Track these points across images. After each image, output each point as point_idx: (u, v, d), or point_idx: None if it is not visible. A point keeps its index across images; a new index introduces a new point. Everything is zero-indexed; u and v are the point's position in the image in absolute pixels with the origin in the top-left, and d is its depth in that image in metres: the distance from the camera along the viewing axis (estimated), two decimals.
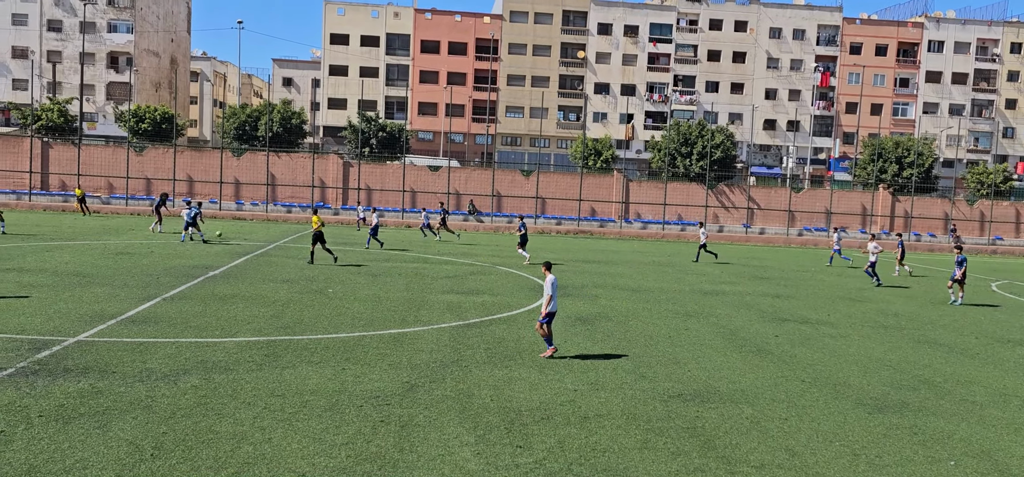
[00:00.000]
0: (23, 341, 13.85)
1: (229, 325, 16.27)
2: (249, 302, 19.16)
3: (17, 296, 18.17)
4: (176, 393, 11.24)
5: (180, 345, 14.27)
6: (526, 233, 34.16)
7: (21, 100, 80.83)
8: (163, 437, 9.45)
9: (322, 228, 28.22)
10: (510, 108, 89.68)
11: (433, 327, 17.18)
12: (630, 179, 64.95)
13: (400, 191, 59.09)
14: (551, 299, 14.48)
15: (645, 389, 12.89)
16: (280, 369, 12.89)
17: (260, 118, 63.92)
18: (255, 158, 59.58)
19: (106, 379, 11.76)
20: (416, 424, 10.45)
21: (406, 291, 22.41)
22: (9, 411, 10.06)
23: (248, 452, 9.12)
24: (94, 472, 8.30)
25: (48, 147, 58.02)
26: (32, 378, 11.60)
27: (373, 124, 65.09)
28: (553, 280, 14.67)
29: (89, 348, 13.64)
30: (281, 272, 25.09)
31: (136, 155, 58.05)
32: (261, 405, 10.90)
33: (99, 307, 17.47)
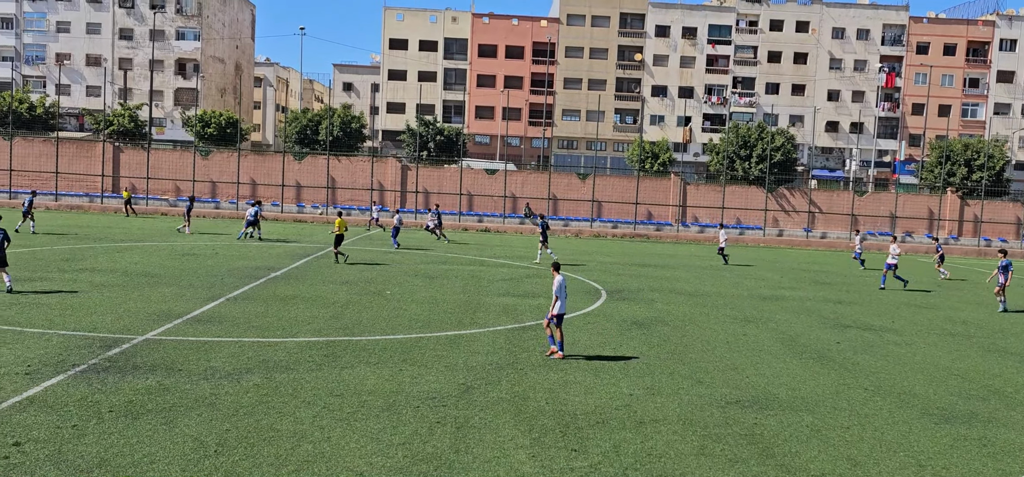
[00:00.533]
0: (95, 339, 14.36)
1: (290, 325, 16.61)
2: (309, 303, 19.53)
3: (84, 294, 18.84)
4: (239, 391, 11.52)
5: (243, 344, 14.62)
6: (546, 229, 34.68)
7: (94, 106, 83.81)
8: (226, 434, 9.69)
9: (345, 232, 29.42)
10: (566, 111, 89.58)
11: (489, 330, 17.27)
12: (687, 182, 64.28)
13: (457, 194, 59.50)
14: (557, 301, 14.44)
15: (702, 395, 12.76)
16: (339, 369, 13.11)
17: (321, 122, 65.08)
18: (316, 161, 60.66)
19: (172, 376, 12.12)
20: (472, 426, 10.53)
21: (462, 294, 22.56)
22: (82, 406, 10.45)
23: (308, 450, 9.30)
24: (161, 467, 8.56)
25: (119, 151, 59.97)
26: (103, 374, 12.02)
27: (431, 128, 65.73)
28: (561, 281, 14.64)
29: (156, 346, 14.07)
30: (340, 274, 25.50)
31: (202, 159, 59.62)
32: (321, 404, 11.10)
33: (166, 306, 18.00)
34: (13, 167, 57.09)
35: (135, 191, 57.25)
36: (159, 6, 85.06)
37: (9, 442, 9.00)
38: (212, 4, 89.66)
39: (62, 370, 12.15)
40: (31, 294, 18.62)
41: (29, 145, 58.74)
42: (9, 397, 10.65)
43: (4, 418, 9.81)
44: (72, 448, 8.94)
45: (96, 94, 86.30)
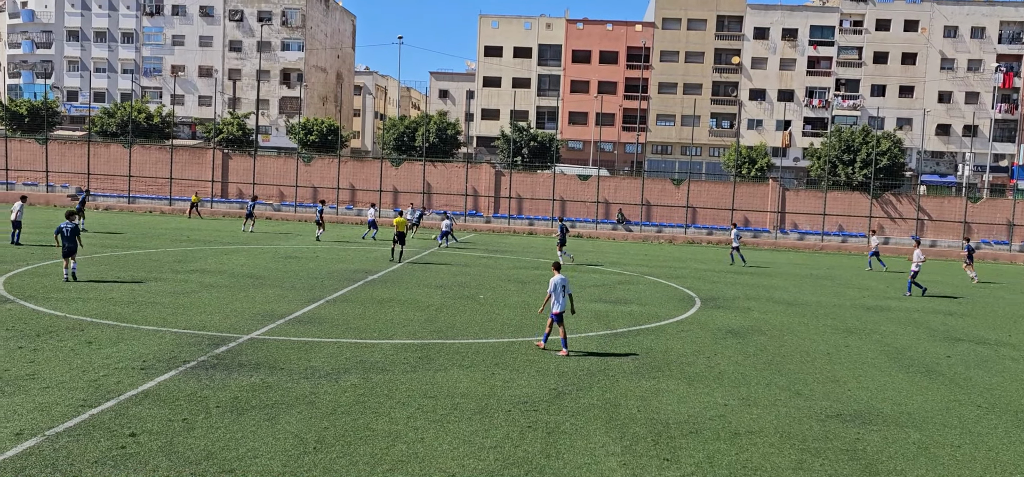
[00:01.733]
0: (203, 337, 15.05)
1: (386, 327, 17.00)
2: (405, 306, 19.93)
3: (194, 295, 19.76)
4: (337, 390, 11.87)
5: (341, 345, 15.05)
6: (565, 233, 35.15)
7: (206, 115, 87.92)
8: (325, 432, 10.01)
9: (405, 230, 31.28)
10: (661, 116, 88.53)
11: (581, 335, 17.24)
12: (786, 188, 62.50)
13: (550, 200, 59.62)
14: (550, 297, 15.09)
15: (801, 407, 12.39)
16: (433, 371, 13.34)
17: (417, 129, 66.35)
18: (412, 168, 61.88)
19: (275, 375, 12.59)
20: (563, 431, 10.54)
21: None
22: (191, 401, 10.98)
23: (402, 450, 9.50)
24: (263, 462, 8.91)
25: (228, 158, 62.67)
26: (211, 371, 12.60)
27: (524, 134, 66.08)
28: (556, 281, 15.12)
29: (260, 345, 14.64)
30: (435, 278, 25.92)
31: (304, 165, 61.68)
32: (415, 405, 11.32)
33: (269, 307, 18.70)
34: (132, 173, 60.43)
35: (242, 195, 59.60)
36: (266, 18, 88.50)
37: (126, 432, 9.54)
38: (315, 16, 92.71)
39: (174, 366, 12.79)
40: (146, 293, 19.68)
41: (147, 152, 62.04)
42: (126, 390, 11.28)
43: (122, 410, 10.40)
44: (182, 440, 9.41)
45: (207, 103, 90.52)
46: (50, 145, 61.99)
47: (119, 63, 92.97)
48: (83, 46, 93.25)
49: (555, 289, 15.10)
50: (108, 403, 10.65)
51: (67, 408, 10.34)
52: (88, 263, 25.04)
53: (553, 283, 15.20)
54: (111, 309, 17.37)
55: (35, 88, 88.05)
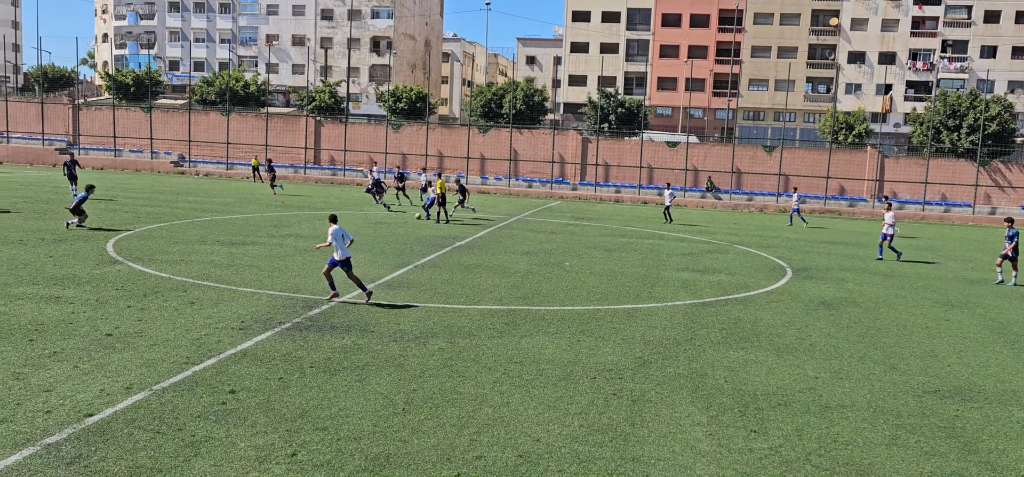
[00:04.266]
0: (298, 299, 15.59)
1: (473, 293, 17.23)
2: (491, 272, 20.14)
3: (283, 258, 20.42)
4: (425, 354, 12.13)
5: (429, 310, 15.34)
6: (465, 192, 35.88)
7: (299, 83, 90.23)
8: (413, 394, 10.26)
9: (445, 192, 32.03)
10: (753, 81, 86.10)
11: (667, 304, 17.08)
12: (885, 155, 60.05)
13: (637, 167, 58.96)
14: (330, 244, 15.16)
15: (896, 382, 12.00)
16: (518, 337, 13.47)
17: (504, 96, 66.44)
18: (499, 134, 62.11)
19: (365, 337, 12.95)
20: (648, 400, 10.51)
21: (641, 267, 22.42)
22: (287, 361, 11.41)
23: (488, 414, 9.66)
24: (354, 421, 9.21)
25: (320, 125, 64.24)
26: (305, 332, 13.05)
27: (612, 100, 65.36)
28: (334, 230, 15.16)
29: (352, 308, 15.07)
30: (521, 244, 26.07)
31: (393, 132, 62.70)
32: (500, 371, 11.48)
33: (360, 271, 19.18)
34: (230, 140, 62.65)
35: (334, 162, 61.04)
36: None
37: (226, 389, 10.00)
38: None
39: (270, 327, 13.30)
40: (244, 256, 20.46)
41: (243, 120, 64.16)
42: (226, 349, 11.81)
43: (222, 368, 10.90)
44: (278, 398, 9.80)
45: (301, 72, 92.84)
46: (153, 113, 64.78)
47: (217, 33, 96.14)
48: (183, 17, 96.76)
49: (335, 237, 15.17)
50: (209, 361, 11.17)
51: (172, 365, 10.90)
52: (190, 227, 26.19)
53: (330, 232, 15.24)
54: (212, 271, 18.15)
55: (139, 59, 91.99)
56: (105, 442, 8.18)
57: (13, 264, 17.77)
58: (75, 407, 9.10)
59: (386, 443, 8.55)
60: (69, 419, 8.73)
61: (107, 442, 8.18)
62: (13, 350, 11.22)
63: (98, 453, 7.90)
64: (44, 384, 9.84)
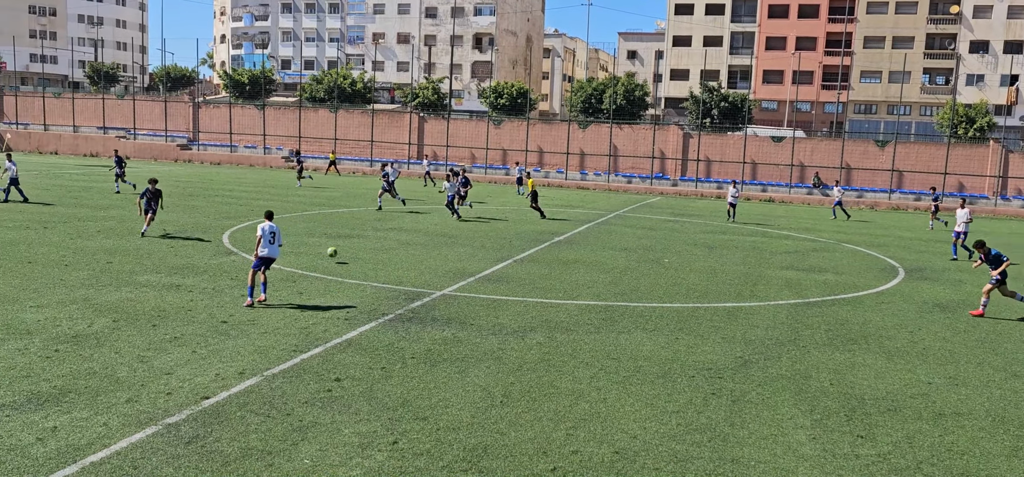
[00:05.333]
0: (400, 291, 15.99)
1: (571, 288, 17.26)
2: (590, 268, 20.12)
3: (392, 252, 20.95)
4: (523, 348, 12.25)
5: (527, 304, 15.47)
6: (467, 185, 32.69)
7: (403, 80, 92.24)
8: (511, 387, 10.38)
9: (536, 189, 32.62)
10: (865, 73, 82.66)
11: (770, 303, 16.67)
12: (1010, 150, 56.58)
13: (740, 163, 57.59)
14: (260, 242, 14.25)
15: (1018, 390, 11.35)
16: (616, 333, 13.43)
17: (605, 91, 66.04)
18: (599, 130, 61.81)
19: (465, 330, 13.17)
20: (748, 400, 10.30)
21: (743, 265, 21.94)
22: (389, 351, 11.74)
23: (585, 409, 9.68)
24: (454, 412, 9.40)
25: (423, 121, 65.48)
26: (407, 324, 13.39)
27: (715, 94, 64.01)
28: (264, 227, 14.30)
29: (452, 301, 15.35)
30: (620, 240, 25.91)
31: (495, 128, 63.29)
32: (598, 366, 11.48)
33: (461, 265, 19.51)
34: (338, 136, 64.64)
35: (436, 157, 62.06)
36: None
37: (332, 377, 10.38)
38: None
39: (374, 318, 13.70)
40: (350, 249, 21.12)
41: (350, 116, 66.06)
42: (332, 338, 12.24)
43: (328, 356, 11.31)
44: (381, 387, 10.10)
45: (405, 69, 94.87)
46: (267, 111, 67.46)
47: (326, 32, 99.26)
48: (295, 18, 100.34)
49: (264, 234, 14.33)
50: (316, 349, 11.61)
51: (281, 352, 11.38)
52: (300, 220, 27.19)
53: (262, 229, 14.39)
54: (319, 263, 18.82)
55: (254, 58, 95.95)
56: (220, 424, 8.63)
57: (139, 254, 18.90)
58: (193, 390, 9.63)
59: (484, 434, 8.69)
60: (187, 401, 9.25)
61: (221, 424, 8.63)
62: (138, 334, 11.96)
63: (213, 434, 8.34)
64: (165, 367, 10.45)
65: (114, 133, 68.35)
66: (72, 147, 66.44)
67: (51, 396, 9.20)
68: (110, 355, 10.88)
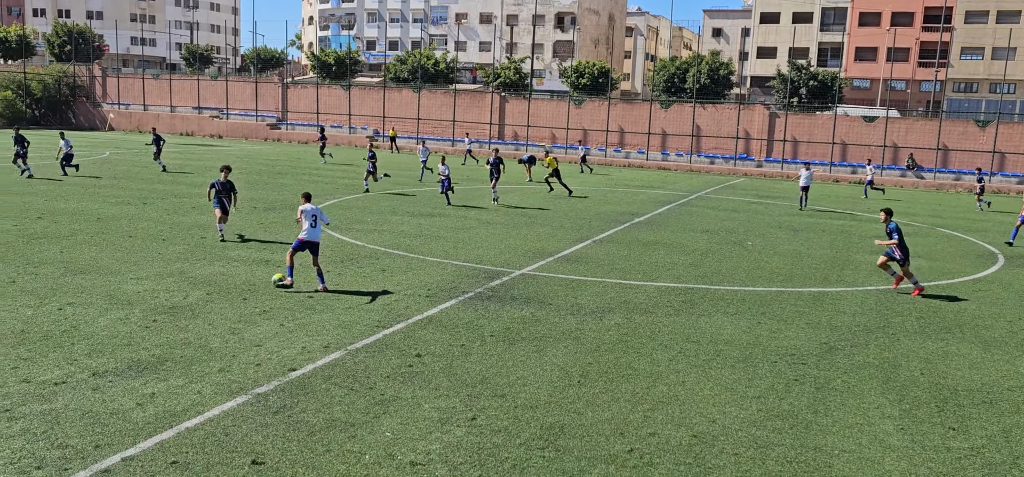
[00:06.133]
0: (480, 270, 16.16)
1: (651, 270, 17.12)
2: (670, 249, 19.89)
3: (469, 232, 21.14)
4: (601, 328, 12.24)
5: (606, 285, 15.42)
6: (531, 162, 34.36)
7: (485, 60, 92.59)
8: (588, 367, 10.40)
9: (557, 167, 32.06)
10: (966, 49, 78.76)
11: (858, 289, 16.17)
12: None
13: (829, 143, 55.81)
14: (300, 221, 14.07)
15: None
16: (696, 316, 13.27)
17: (688, 70, 64.91)
18: (682, 110, 60.82)
19: (543, 309, 13.23)
20: (833, 388, 10.05)
21: (830, 249, 21.33)
22: (469, 329, 11.90)
23: (663, 391, 9.63)
24: (531, 390, 9.48)
25: (504, 101, 65.65)
26: (487, 302, 13.53)
27: (804, 72, 62.15)
28: (305, 209, 14.04)
29: (531, 280, 15.43)
30: (701, 222, 25.52)
31: (575, 108, 62.97)
32: (677, 349, 11.38)
33: (540, 245, 19.57)
34: (421, 116, 65.46)
35: (517, 137, 62.17)
36: None
37: (413, 353, 10.59)
38: None
39: (454, 295, 13.90)
40: (430, 228, 21.43)
41: (433, 96, 66.75)
42: (413, 315, 12.48)
43: (410, 332, 11.54)
44: (460, 364, 10.26)
45: (487, 49, 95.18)
46: (352, 91, 68.78)
47: (410, 13, 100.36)
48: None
49: (307, 217, 14.04)
50: (398, 325, 11.86)
51: (365, 327, 11.67)
52: (383, 199, 27.70)
53: (302, 211, 14.12)
54: (402, 241, 19.17)
55: (340, 39, 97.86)
56: (305, 395, 8.93)
57: (230, 229, 19.60)
58: (281, 362, 9.98)
59: (561, 413, 8.74)
60: (275, 372, 9.60)
61: (307, 395, 8.93)
62: (230, 307, 12.45)
63: (299, 405, 8.64)
64: (255, 339, 10.85)
65: (208, 113, 70.84)
66: (169, 126, 69.19)
67: (150, 364, 9.68)
68: (204, 326, 11.36)
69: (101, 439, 7.52)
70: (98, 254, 16.01)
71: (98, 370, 9.37)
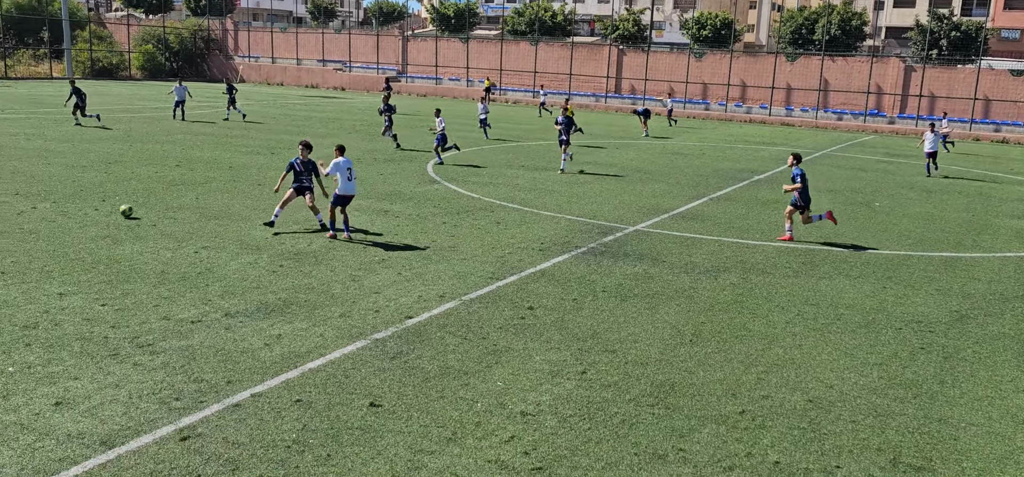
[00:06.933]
0: (594, 225, 16.13)
1: (769, 229, 16.64)
2: None
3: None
4: (715, 288, 12.03)
5: (722, 243, 15.11)
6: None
7: (603, 12, 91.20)
8: (701, 326, 10.27)
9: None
10: None
11: (995, 255, 15.22)
12: None
13: (970, 99, 52.27)
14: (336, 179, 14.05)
15: None
16: (816, 279, 12.85)
17: (817, 21, 61.92)
18: (809, 63, 58.23)
19: (656, 266, 13.12)
20: (962, 358, 9.56)
21: (965, 212, 20.12)
22: (581, 283, 11.94)
23: (778, 354, 9.41)
24: (642, 347, 9.45)
25: (622, 54, 64.63)
26: (599, 258, 13.53)
27: (945, 22, 58.19)
28: (338, 163, 13.97)
29: (645, 237, 15.30)
30: (826, 181, 24.53)
31: (695, 61, 61.34)
32: (794, 311, 11.07)
33: (655, 201, 19.33)
34: (537, 69, 65.34)
35: (634, 91, 61.24)
36: None
37: (525, 305, 10.74)
38: None
39: (567, 250, 13.95)
40: (543, 182, 21.49)
41: (550, 49, 66.43)
42: (527, 268, 12.63)
43: (523, 285, 11.70)
44: (572, 318, 10.34)
45: (606, 1, 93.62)
46: (470, 43, 69.29)
47: None
48: None
49: (337, 170, 13.97)
50: (511, 278, 12.03)
51: (479, 279, 11.90)
52: (498, 152, 27.94)
53: (335, 165, 14.01)
54: (516, 194, 19.34)
55: None
56: (421, 342, 9.22)
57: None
58: (398, 309, 10.32)
59: (672, 371, 8.70)
60: (393, 319, 9.94)
61: (422, 343, 9.22)
62: (351, 255, 12.94)
63: (415, 352, 8.94)
64: (374, 287, 11.25)
65: (332, 66, 73.02)
66: (296, 78, 71.77)
67: (276, 307, 10.22)
68: (326, 272, 11.86)
69: (232, 375, 8.02)
70: (230, 201, 16.92)
71: (230, 310, 9.97)
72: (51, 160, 21.47)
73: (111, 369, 8.03)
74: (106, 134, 27.84)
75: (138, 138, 27.20)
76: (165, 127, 30.93)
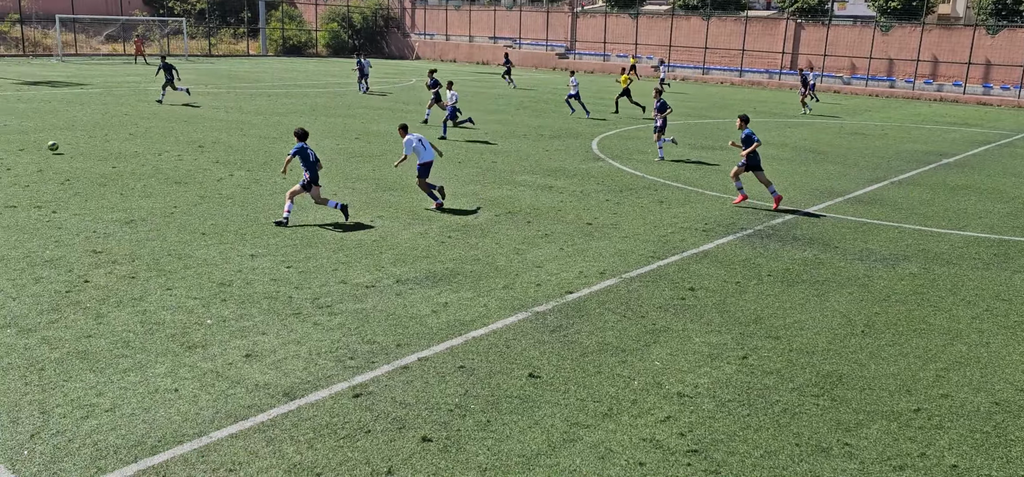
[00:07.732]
0: (761, 208, 15.61)
1: (957, 217, 15.48)
2: (983, 195, 17.80)
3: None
4: (893, 277, 11.37)
5: (902, 230, 14.22)
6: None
7: None
8: (875, 317, 9.75)
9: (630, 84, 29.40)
10: None
11: None
12: None
13: None
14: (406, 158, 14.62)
15: None
16: (1010, 272, 11.85)
17: None
18: (1013, 36, 53.14)
19: (828, 252, 12.54)
20: None
21: None
22: (745, 266, 11.63)
23: (960, 351, 8.80)
24: (809, 335, 9.11)
25: (800, 29, 61.62)
26: (766, 240, 13.10)
27: None
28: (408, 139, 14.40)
29: (816, 221, 14.64)
30: None
31: (881, 35, 57.51)
32: (982, 306, 10.28)
33: (829, 183, 18.43)
34: (708, 45, 63.56)
35: (811, 68, 58.30)
36: None
37: (686, 286, 10.61)
38: None
39: (731, 232, 13.61)
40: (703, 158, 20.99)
41: (722, 24, 64.38)
42: (689, 248, 12.44)
43: (685, 265, 11.55)
44: (734, 302, 10.11)
45: None
46: (639, 19, 68.33)
47: None
48: None
49: (409, 148, 14.40)
50: (673, 258, 11.90)
51: (640, 257, 11.86)
52: (670, 130, 27.48)
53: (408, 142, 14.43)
54: (681, 173, 19.02)
55: None
56: (580, 317, 9.34)
57: (519, 155, 20.67)
58: (559, 284, 10.49)
59: (840, 362, 8.34)
60: (553, 293, 10.12)
61: (582, 318, 9.33)
62: (516, 229, 13.25)
63: (574, 326, 9.06)
64: (536, 261, 11.48)
65: (503, 42, 74.29)
66: (468, 55, 73.63)
67: (443, 276, 10.65)
68: (491, 245, 12.22)
69: (402, 339, 8.48)
70: (403, 173, 17.72)
71: (401, 277, 10.50)
72: (246, 131, 23.30)
73: (294, 326, 8.70)
74: (295, 107, 29.82)
75: (322, 112, 28.95)
76: (346, 101, 32.71)
